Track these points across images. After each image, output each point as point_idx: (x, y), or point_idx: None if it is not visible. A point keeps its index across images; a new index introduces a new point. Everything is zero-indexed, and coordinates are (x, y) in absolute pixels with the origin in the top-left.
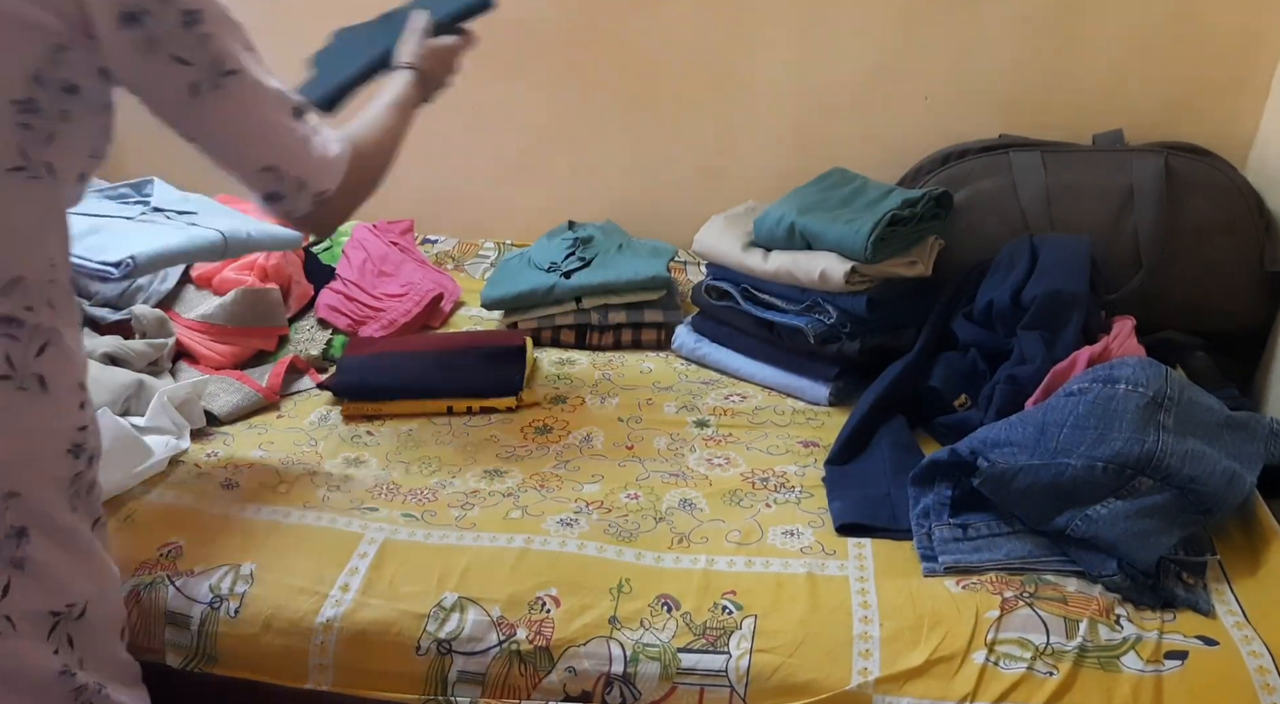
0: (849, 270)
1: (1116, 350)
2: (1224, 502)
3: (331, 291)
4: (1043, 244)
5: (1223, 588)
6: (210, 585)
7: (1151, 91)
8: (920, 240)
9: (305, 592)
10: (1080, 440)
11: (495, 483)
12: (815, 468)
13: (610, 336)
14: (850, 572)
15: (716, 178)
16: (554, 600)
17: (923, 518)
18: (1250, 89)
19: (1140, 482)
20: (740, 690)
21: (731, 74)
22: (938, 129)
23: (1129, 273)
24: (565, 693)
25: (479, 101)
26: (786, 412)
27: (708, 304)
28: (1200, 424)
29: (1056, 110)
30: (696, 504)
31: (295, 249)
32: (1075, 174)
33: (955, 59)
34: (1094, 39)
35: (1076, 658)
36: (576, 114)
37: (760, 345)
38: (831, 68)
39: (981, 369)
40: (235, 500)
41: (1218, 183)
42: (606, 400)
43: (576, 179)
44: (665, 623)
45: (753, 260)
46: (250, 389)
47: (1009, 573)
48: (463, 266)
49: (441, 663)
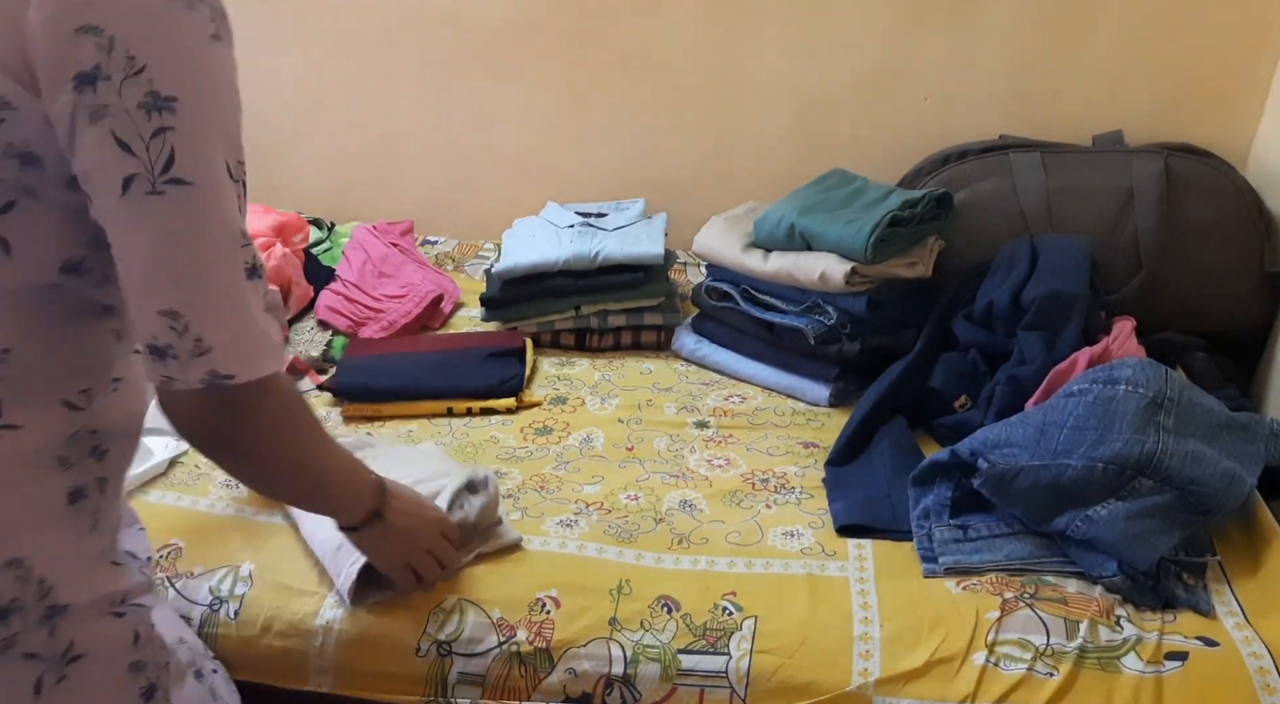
0: (849, 271)
1: (1116, 351)
2: (1224, 502)
3: (331, 293)
4: (1043, 245)
5: (1223, 589)
6: (210, 587)
7: (1151, 92)
8: (920, 241)
9: (305, 593)
10: (1080, 441)
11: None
12: (815, 469)
13: (610, 339)
14: (850, 573)
15: (716, 178)
16: (554, 601)
17: (923, 519)
18: (1250, 89)
19: (1140, 482)
20: (740, 691)
21: (731, 74)
22: (937, 129)
23: (1129, 273)
24: (565, 694)
25: (479, 101)
26: (787, 412)
27: (708, 305)
28: (1200, 425)
29: (1056, 110)
30: (696, 505)
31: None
32: (1075, 175)
33: (955, 59)
34: (1094, 39)
35: (1077, 659)
36: (576, 115)
37: (760, 346)
38: (831, 68)
39: (982, 370)
40: (235, 502)
41: (1217, 183)
42: (606, 401)
43: (576, 180)
44: (665, 624)
45: (753, 261)
46: None
47: (1009, 574)
48: (462, 267)
49: (441, 664)
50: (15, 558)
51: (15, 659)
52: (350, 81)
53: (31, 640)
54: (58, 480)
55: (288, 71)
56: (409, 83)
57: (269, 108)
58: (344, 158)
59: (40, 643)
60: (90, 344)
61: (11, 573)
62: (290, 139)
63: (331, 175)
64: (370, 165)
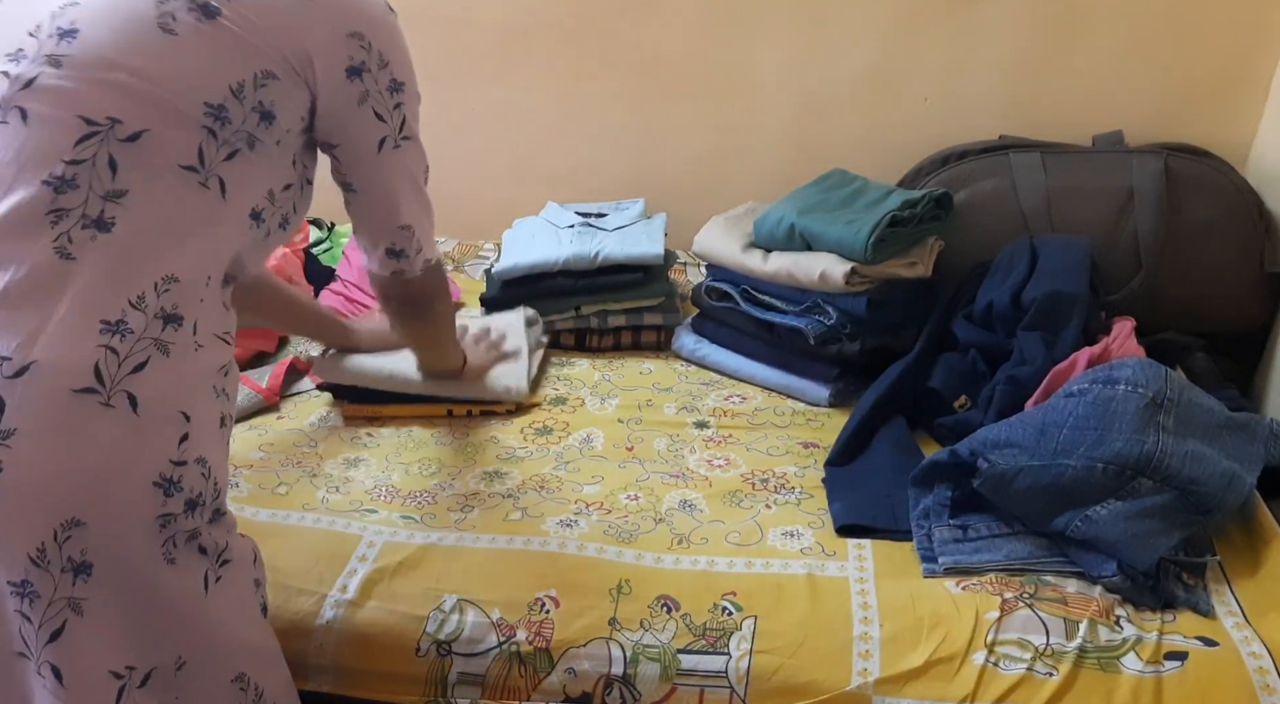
0: (849, 271)
1: (1116, 351)
2: (1224, 503)
3: (331, 292)
4: (1043, 245)
5: (1223, 589)
6: None
7: (1151, 92)
8: (920, 241)
9: (305, 593)
10: (1080, 441)
11: (495, 484)
12: (815, 469)
13: (610, 339)
14: (850, 573)
15: (716, 178)
16: (554, 601)
17: (923, 519)
18: (1250, 90)
19: (1140, 482)
20: (740, 692)
21: (731, 74)
22: (938, 129)
23: (1129, 274)
24: (565, 694)
25: (479, 101)
26: (786, 412)
27: (708, 305)
28: (1200, 425)
29: (1056, 111)
30: (696, 505)
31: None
32: (1075, 175)
33: (955, 59)
34: (1094, 39)
35: (1076, 659)
36: (576, 115)
37: (760, 346)
38: (831, 68)
39: (981, 370)
40: (235, 501)
41: (1217, 184)
42: (606, 401)
43: (576, 180)
44: (665, 624)
45: (753, 261)
46: (250, 390)
47: (1009, 574)
48: (463, 267)
49: (441, 664)
50: (202, 457)
51: (194, 551)
52: None
53: (207, 536)
54: (215, 406)
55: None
56: None
57: None
58: None
59: (210, 539)
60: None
61: (199, 469)
62: None
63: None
64: None
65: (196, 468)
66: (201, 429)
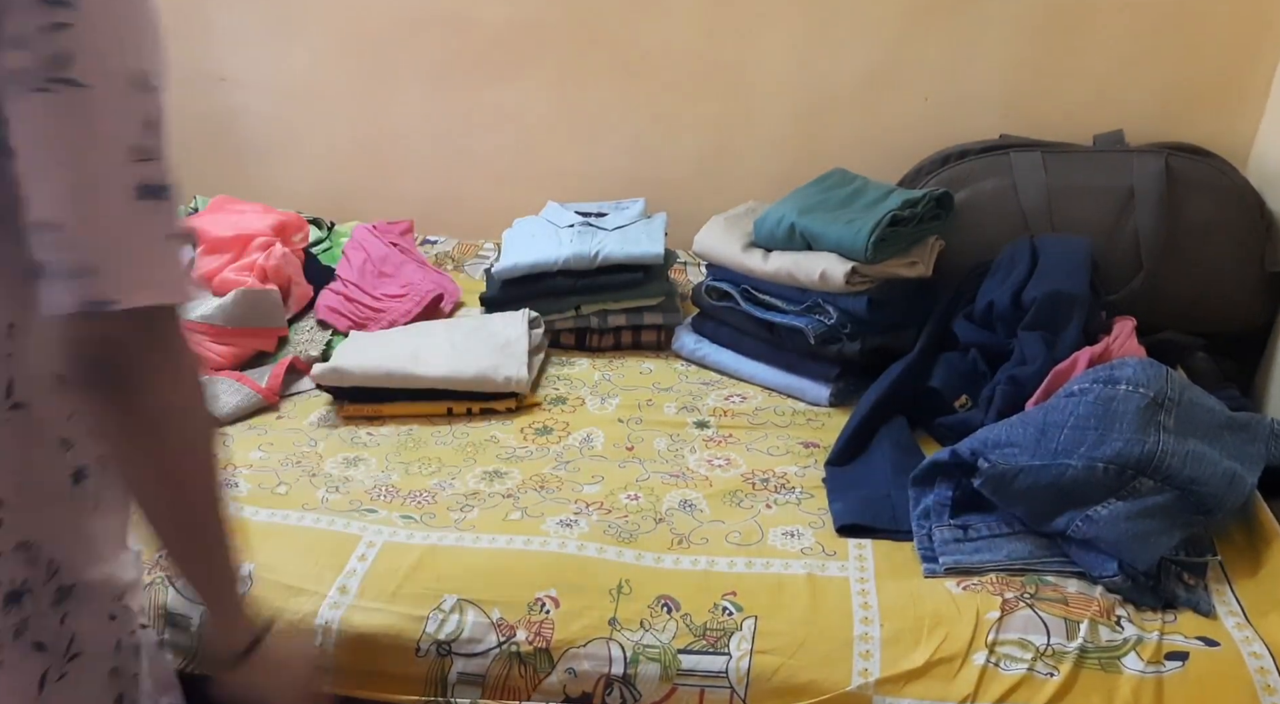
0: (849, 271)
1: (1117, 351)
2: (1225, 502)
3: (331, 292)
4: (1043, 245)
5: (1223, 589)
6: None
7: (1152, 92)
8: (921, 241)
9: (304, 593)
10: (1081, 441)
11: (495, 484)
12: (815, 469)
13: (610, 338)
14: (851, 573)
15: (716, 178)
16: (554, 601)
17: (923, 519)
18: (1250, 89)
19: (1141, 482)
20: (740, 692)
21: (731, 74)
22: (938, 129)
23: (1129, 273)
24: (565, 694)
25: (479, 101)
26: (787, 412)
27: (708, 305)
28: (1201, 425)
29: (1057, 110)
30: (696, 505)
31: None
32: (1076, 175)
33: (955, 59)
34: (1094, 39)
35: (1077, 659)
36: (576, 115)
37: (760, 346)
38: (831, 68)
39: (982, 370)
40: (234, 501)
41: (1218, 183)
42: (606, 401)
43: (576, 180)
44: (665, 624)
45: (753, 261)
46: (250, 390)
47: (1009, 574)
48: (462, 267)
49: (441, 664)
50: (25, 541)
51: (25, 649)
52: (350, 81)
53: (42, 627)
54: (62, 460)
55: (289, 71)
56: (409, 82)
57: (270, 107)
58: (344, 157)
59: (50, 631)
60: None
61: (22, 555)
62: (291, 138)
63: (332, 175)
64: (370, 165)
65: (19, 555)
66: (31, 503)
